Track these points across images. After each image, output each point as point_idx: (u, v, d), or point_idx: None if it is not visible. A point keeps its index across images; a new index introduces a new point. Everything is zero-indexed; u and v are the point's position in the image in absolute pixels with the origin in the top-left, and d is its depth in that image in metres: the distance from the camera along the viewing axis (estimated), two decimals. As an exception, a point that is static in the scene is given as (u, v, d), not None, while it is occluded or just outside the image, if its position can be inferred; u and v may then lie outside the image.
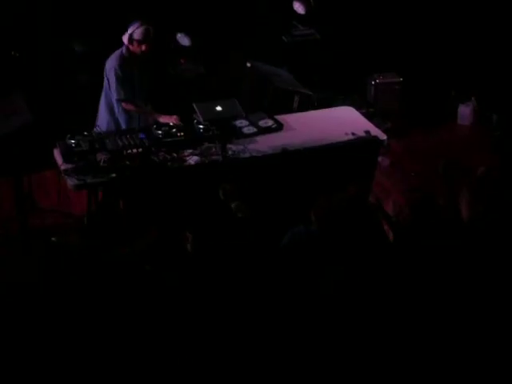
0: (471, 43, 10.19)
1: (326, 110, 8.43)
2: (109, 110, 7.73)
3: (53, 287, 5.82)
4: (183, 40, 9.36)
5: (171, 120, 7.58)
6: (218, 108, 7.29)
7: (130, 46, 7.56)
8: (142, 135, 7.28)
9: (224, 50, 9.60)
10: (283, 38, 9.98)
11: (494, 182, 6.30)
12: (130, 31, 7.51)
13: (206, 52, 9.60)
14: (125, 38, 7.56)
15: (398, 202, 6.42)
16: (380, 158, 8.58)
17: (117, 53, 7.65)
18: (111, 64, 7.60)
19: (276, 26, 9.90)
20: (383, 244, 6.06)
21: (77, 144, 7.11)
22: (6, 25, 8.85)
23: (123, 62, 7.58)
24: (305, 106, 8.29)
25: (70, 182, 6.92)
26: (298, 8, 9.80)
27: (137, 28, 7.49)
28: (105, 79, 7.67)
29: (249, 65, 8.58)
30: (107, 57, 7.69)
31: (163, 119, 7.62)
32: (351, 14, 9.99)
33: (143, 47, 7.54)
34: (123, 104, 7.61)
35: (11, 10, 8.80)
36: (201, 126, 7.45)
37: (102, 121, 7.75)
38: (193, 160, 7.19)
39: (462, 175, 6.41)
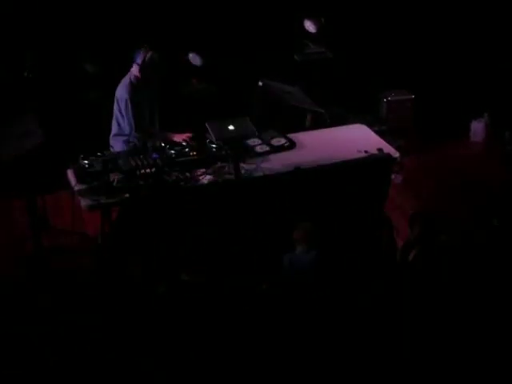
0: (484, 59, 10.19)
1: (339, 127, 8.42)
2: (120, 133, 7.74)
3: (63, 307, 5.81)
4: (195, 60, 9.39)
5: (184, 138, 7.60)
6: (231, 127, 7.29)
7: (140, 75, 7.58)
8: (154, 155, 7.29)
9: (236, 69, 9.62)
10: (295, 56, 10.00)
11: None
12: (139, 61, 7.53)
13: (217, 71, 9.63)
14: (135, 69, 7.58)
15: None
16: (393, 176, 8.56)
17: (125, 81, 7.66)
18: (122, 94, 7.61)
19: (288, 45, 9.92)
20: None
21: (90, 165, 7.12)
22: (18, 45, 8.91)
23: (132, 89, 7.59)
24: (317, 124, 8.28)
25: (84, 202, 6.92)
26: (310, 27, 9.82)
27: (144, 56, 7.52)
28: (115, 105, 7.68)
29: (261, 83, 8.59)
30: (118, 78, 7.71)
31: (177, 138, 7.65)
32: (362, 32, 10.00)
33: (151, 72, 7.58)
34: (133, 133, 7.63)
35: (23, 31, 8.85)
36: (213, 146, 7.46)
37: (115, 142, 7.77)
38: (206, 179, 7.19)
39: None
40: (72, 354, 5.49)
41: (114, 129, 7.79)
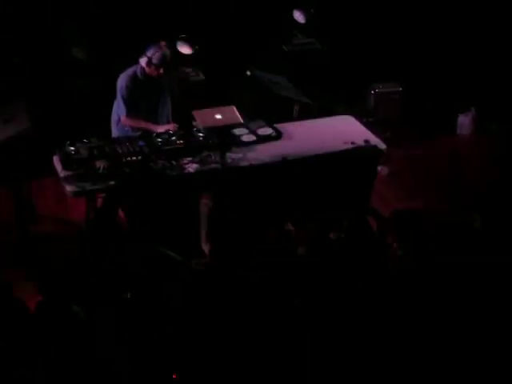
0: (471, 52, 10.21)
1: (326, 118, 8.43)
2: (118, 122, 7.74)
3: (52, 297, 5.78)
4: (183, 47, 9.37)
5: (169, 128, 7.59)
6: (218, 116, 7.29)
7: (147, 69, 7.55)
8: (141, 143, 7.29)
9: (224, 57, 9.61)
10: (283, 47, 10.00)
11: None
12: (149, 54, 7.49)
13: (205, 60, 9.62)
14: (143, 61, 7.54)
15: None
16: (379, 167, 8.58)
17: (129, 71, 7.64)
18: (121, 83, 7.61)
19: (276, 35, 9.92)
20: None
21: (76, 151, 7.11)
22: (7, 31, 8.87)
23: (134, 82, 7.58)
24: (304, 115, 8.29)
25: (69, 188, 6.93)
26: (299, 17, 9.81)
27: (156, 52, 7.48)
28: (117, 94, 7.70)
29: (249, 73, 8.58)
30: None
31: (161, 129, 7.63)
32: (351, 23, 10.00)
33: (161, 70, 7.54)
34: (122, 119, 7.62)
35: (12, 16, 8.81)
36: (200, 134, 7.45)
37: (113, 129, 7.76)
38: (192, 168, 7.19)
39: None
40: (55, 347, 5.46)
41: (113, 119, 7.79)
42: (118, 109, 7.67)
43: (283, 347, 5.08)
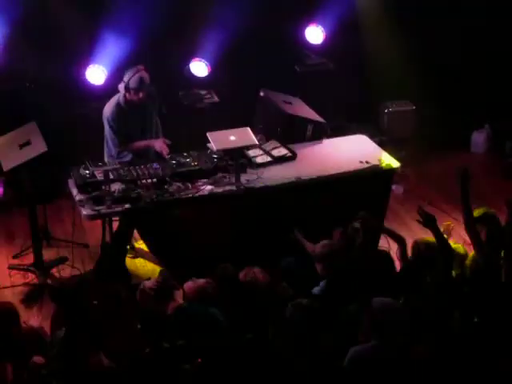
0: (485, 70, 10.20)
1: (340, 138, 8.44)
2: (110, 154, 7.73)
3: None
4: (197, 69, 9.41)
5: (159, 143, 7.58)
6: (232, 137, 7.29)
7: (127, 95, 7.54)
8: (155, 165, 7.30)
9: (237, 78, 9.64)
10: (296, 67, 10.02)
11: None
12: (125, 79, 7.48)
13: (219, 81, 9.65)
14: (121, 87, 7.54)
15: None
16: (394, 186, 8.57)
17: (112, 101, 7.63)
18: (105, 113, 7.61)
19: (289, 56, 9.94)
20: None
21: (91, 174, 7.13)
22: (20, 57, 8.92)
23: (118, 110, 7.57)
24: (318, 135, 8.28)
25: (85, 212, 6.93)
26: (311, 37, 9.88)
27: (132, 76, 7.46)
28: (105, 126, 7.70)
29: (262, 93, 8.60)
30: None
31: (152, 143, 7.66)
32: (364, 43, 10.01)
33: (140, 95, 7.52)
34: (119, 152, 7.63)
35: (26, 40, 8.86)
36: (214, 156, 7.47)
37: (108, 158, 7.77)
38: (206, 190, 7.20)
39: None
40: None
41: (107, 150, 7.80)
42: (111, 142, 7.65)
43: None
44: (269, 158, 7.69)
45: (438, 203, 8.73)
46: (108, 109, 7.63)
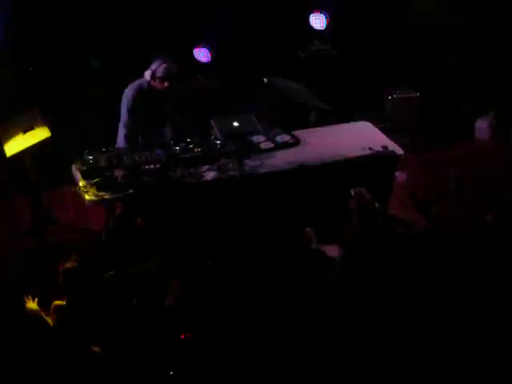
0: (489, 58, 10.17)
1: (343, 125, 8.43)
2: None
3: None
4: (200, 56, 9.40)
5: None
6: (235, 123, 7.29)
7: (152, 82, 7.52)
8: (159, 151, 7.30)
9: (241, 65, 9.62)
10: (300, 53, 10.00)
11: None
12: (153, 68, 7.46)
13: (222, 67, 9.64)
14: (147, 74, 7.51)
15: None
16: (397, 173, 8.56)
17: (136, 83, 7.60)
18: (127, 94, 7.57)
19: (293, 42, 9.92)
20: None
21: (94, 160, 7.14)
22: (23, 42, 8.92)
23: (139, 92, 7.54)
24: (322, 121, 8.28)
25: (88, 197, 6.94)
26: (315, 23, 9.84)
27: (159, 65, 7.44)
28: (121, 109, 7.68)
29: (266, 80, 8.59)
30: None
31: None
32: (368, 29, 9.99)
33: (165, 84, 7.50)
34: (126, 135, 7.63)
35: (28, 26, 8.86)
36: (218, 142, 7.47)
37: (120, 141, 7.77)
38: (210, 175, 7.20)
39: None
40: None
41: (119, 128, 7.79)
42: (121, 124, 7.63)
43: None
44: (272, 145, 7.69)
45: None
46: (129, 90, 7.58)
